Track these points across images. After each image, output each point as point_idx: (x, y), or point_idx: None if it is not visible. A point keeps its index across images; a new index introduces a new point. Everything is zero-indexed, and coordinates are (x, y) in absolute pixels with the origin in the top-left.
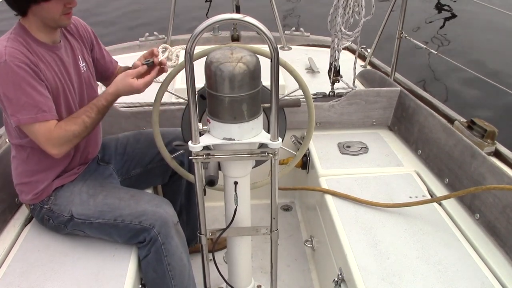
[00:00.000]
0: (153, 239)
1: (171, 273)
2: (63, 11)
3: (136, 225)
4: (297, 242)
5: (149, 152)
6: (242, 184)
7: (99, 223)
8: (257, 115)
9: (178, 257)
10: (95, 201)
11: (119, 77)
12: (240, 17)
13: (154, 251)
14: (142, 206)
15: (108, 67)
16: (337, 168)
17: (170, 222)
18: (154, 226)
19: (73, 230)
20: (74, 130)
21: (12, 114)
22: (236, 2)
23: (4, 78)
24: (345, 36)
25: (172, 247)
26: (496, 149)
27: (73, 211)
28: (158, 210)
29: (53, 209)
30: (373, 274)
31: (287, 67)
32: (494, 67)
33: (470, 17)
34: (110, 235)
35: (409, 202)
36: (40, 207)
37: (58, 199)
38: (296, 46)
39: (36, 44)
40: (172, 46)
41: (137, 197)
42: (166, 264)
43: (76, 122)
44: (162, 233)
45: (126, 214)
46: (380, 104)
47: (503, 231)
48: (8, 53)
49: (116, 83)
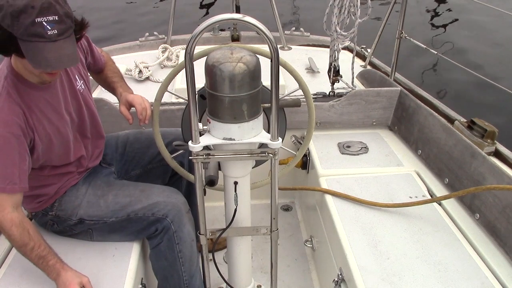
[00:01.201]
0: (166, 228)
1: (182, 260)
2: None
3: (150, 217)
4: (297, 242)
5: (149, 152)
6: (242, 184)
7: (113, 221)
8: (257, 115)
9: (189, 244)
10: (106, 201)
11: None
12: (240, 17)
13: (167, 239)
14: (154, 198)
15: (100, 64)
16: (337, 168)
17: (183, 210)
18: (167, 216)
19: (80, 233)
20: (13, 235)
21: None
22: (236, 2)
23: None
24: (341, 36)
25: (184, 234)
26: (496, 149)
27: (82, 214)
28: (170, 200)
29: (59, 215)
30: (373, 274)
31: (287, 67)
32: (494, 67)
33: (470, 17)
34: (122, 230)
35: (409, 202)
36: (42, 213)
37: (63, 205)
38: (296, 46)
39: (26, 88)
40: (172, 46)
41: (147, 191)
42: (178, 251)
43: (24, 235)
44: (175, 221)
45: (139, 209)
46: (380, 104)
47: (503, 231)
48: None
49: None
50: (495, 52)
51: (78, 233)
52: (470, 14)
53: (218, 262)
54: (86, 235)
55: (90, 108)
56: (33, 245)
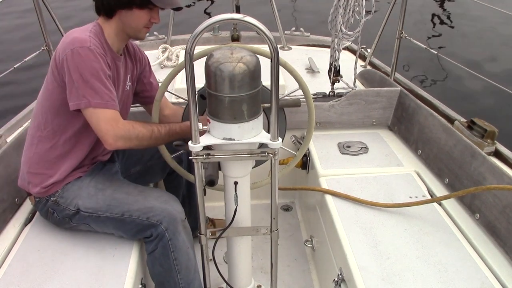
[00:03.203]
0: (160, 235)
1: (178, 267)
2: (146, 24)
3: (144, 221)
4: (297, 242)
5: (148, 149)
6: (242, 184)
7: (107, 217)
8: (257, 115)
9: (185, 252)
10: (103, 195)
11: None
12: (240, 17)
13: (162, 246)
14: (151, 202)
15: (152, 94)
16: (337, 168)
17: (178, 218)
18: (161, 223)
19: (78, 224)
20: (140, 132)
21: (84, 96)
22: (236, 2)
23: (86, 61)
24: (346, 36)
25: (179, 242)
26: (496, 149)
27: (80, 204)
28: (166, 207)
29: (59, 201)
30: (373, 274)
31: (287, 67)
32: (494, 67)
33: (470, 17)
34: (116, 229)
35: (409, 202)
36: (46, 200)
37: (65, 192)
38: (296, 46)
39: (107, 48)
40: (172, 46)
41: (145, 193)
42: (173, 259)
43: (146, 127)
44: (170, 229)
45: (134, 210)
46: (380, 104)
47: (503, 231)
48: (93, 42)
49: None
50: (495, 52)
51: (75, 226)
52: (470, 14)
53: (218, 262)
54: (84, 228)
55: (126, 107)
56: (156, 127)
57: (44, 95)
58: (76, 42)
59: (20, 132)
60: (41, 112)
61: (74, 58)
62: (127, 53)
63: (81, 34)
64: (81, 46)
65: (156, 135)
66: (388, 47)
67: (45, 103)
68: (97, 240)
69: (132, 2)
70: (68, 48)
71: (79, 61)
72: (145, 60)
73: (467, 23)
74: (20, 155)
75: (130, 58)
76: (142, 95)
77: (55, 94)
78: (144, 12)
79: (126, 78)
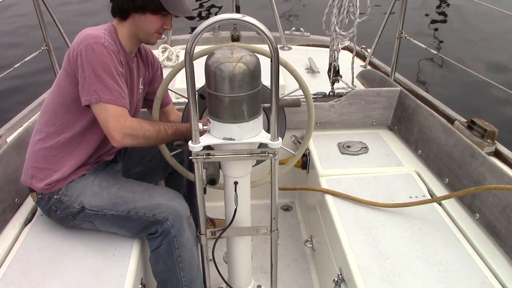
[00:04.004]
0: (166, 231)
1: (181, 264)
2: (158, 30)
3: (150, 218)
4: (297, 242)
5: (150, 150)
6: (242, 184)
7: (112, 215)
8: (257, 115)
9: (189, 249)
10: (109, 193)
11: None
12: (240, 17)
13: (167, 243)
14: (156, 199)
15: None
16: (337, 168)
17: (184, 215)
18: (167, 219)
19: (81, 222)
20: (147, 131)
21: (95, 91)
22: (236, 2)
23: (99, 56)
24: (340, 36)
25: (184, 239)
26: (496, 149)
27: (85, 202)
28: (172, 203)
29: (63, 199)
30: (373, 274)
31: (287, 67)
32: (494, 67)
33: (470, 17)
34: (121, 227)
35: (409, 202)
36: (48, 197)
37: (69, 190)
38: (296, 46)
39: (121, 48)
40: (172, 46)
41: (150, 190)
42: (177, 256)
43: (153, 126)
44: (175, 226)
45: (140, 207)
46: (380, 104)
47: (503, 231)
48: (107, 39)
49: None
50: (495, 52)
51: (78, 224)
52: (470, 14)
53: (218, 262)
54: (87, 227)
55: (137, 110)
56: (163, 126)
57: (56, 91)
58: (90, 38)
59: (20, 132)
60: (51, 107)
61: (87, 54)
62: (139, 57)
63: (95, 31)
64: (95, 42)
65: (162, 135)
66: (388, 47)
67: (56, 99)
68: (97, 240)
69: (146, 6)
70: (83, 44)
71: (92, 56)
72: (157, 64)
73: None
74: (20, 155)
75: (142, 61)
76: (149, 98)
77: (66, 90)
78: (157, 18)
79: (139, 81)
